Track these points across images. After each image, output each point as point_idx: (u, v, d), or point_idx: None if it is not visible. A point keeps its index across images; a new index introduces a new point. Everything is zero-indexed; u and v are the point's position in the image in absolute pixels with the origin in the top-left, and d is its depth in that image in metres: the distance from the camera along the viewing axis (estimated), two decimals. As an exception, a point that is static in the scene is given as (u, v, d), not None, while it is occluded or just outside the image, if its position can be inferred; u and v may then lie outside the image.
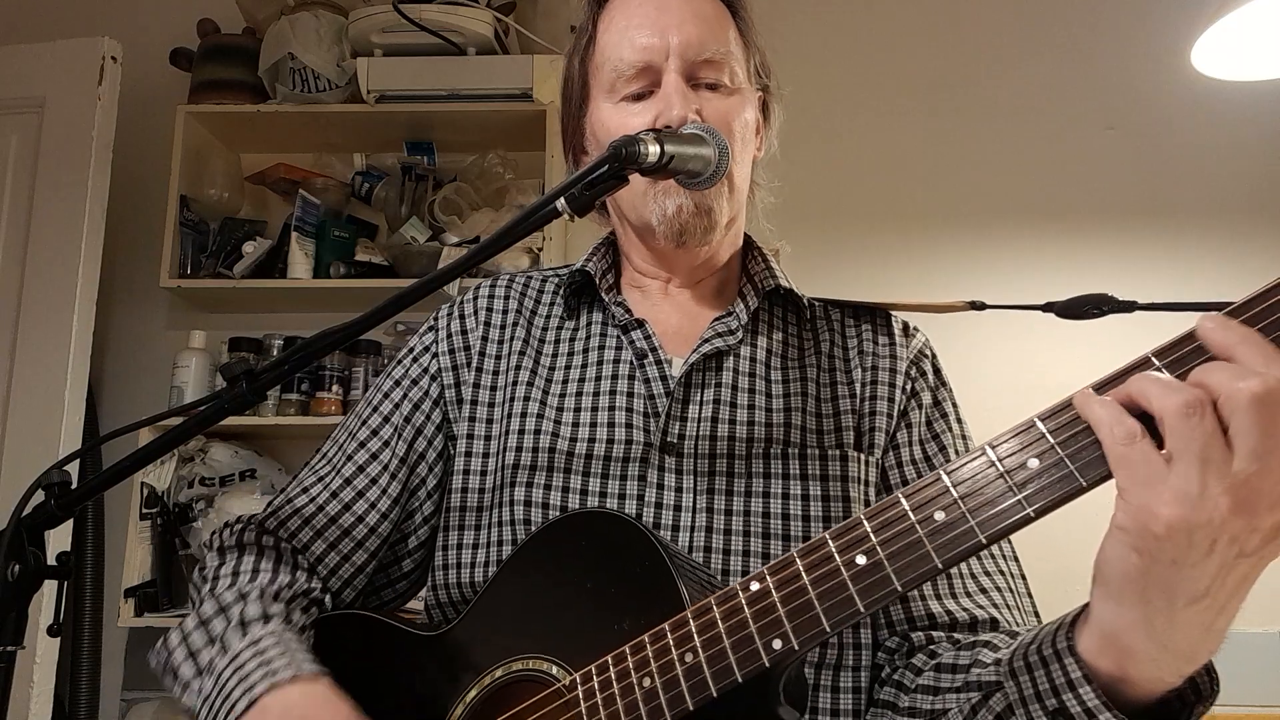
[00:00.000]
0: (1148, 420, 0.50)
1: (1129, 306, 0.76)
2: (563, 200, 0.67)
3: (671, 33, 0.84)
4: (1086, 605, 0.57)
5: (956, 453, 0.89)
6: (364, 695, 0.78)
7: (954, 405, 0.92)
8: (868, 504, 0.83)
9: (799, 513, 0.81)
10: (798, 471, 0.82)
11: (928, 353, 0.94)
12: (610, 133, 0.86)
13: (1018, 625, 0.79)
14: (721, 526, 0.80)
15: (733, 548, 0.79)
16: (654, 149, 0.69)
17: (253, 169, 2.38)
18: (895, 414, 0.87)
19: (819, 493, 0.81)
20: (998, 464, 0.55)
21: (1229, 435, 0.47)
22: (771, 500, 0.81)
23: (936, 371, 0.93)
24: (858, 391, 0.88)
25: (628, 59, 0.85)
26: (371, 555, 0.88)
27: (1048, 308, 0.80)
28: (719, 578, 0.78)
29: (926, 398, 0.90)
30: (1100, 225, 2.32)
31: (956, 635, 0.79)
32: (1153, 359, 0.52)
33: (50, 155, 2.08)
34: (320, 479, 0.90)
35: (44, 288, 2.02)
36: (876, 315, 0.94)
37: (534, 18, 2.42)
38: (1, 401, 1.99)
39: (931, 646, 0.78)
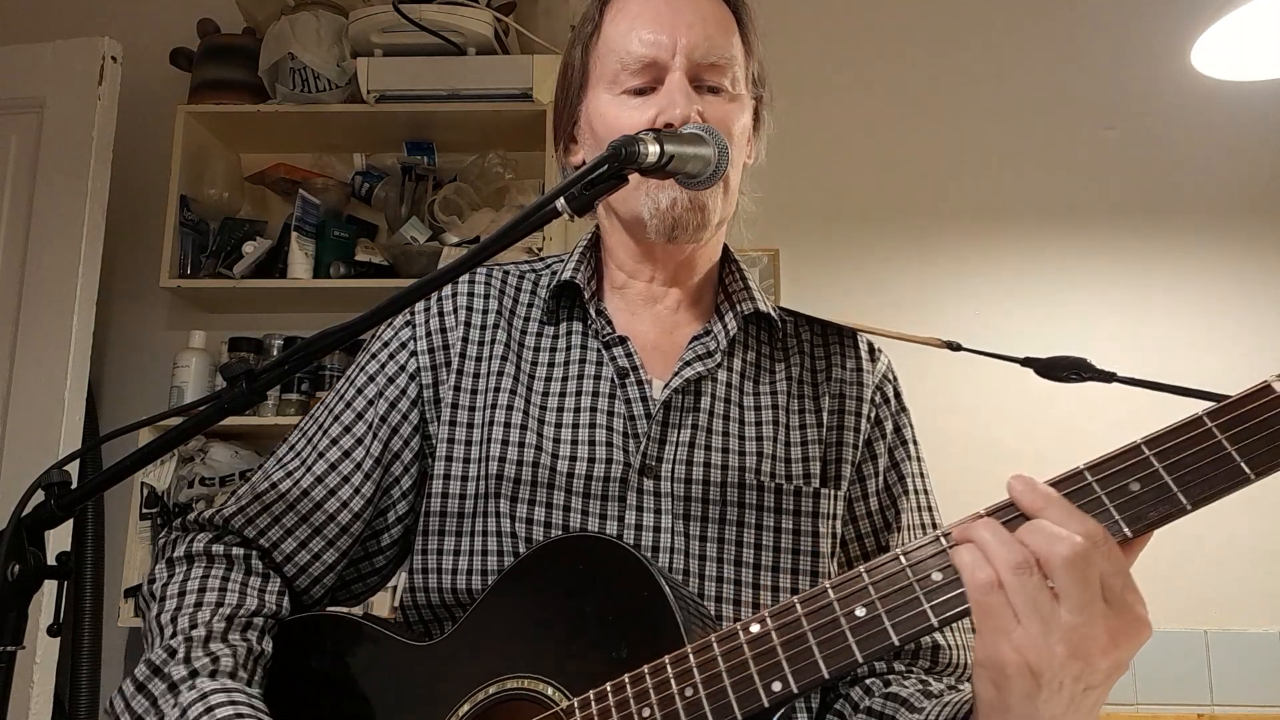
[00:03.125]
0: None
1: (1107, 377, 0.78)
2: (562, 200, 0.67)
3: (680, 32, 0.84)
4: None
5: (914, 478, 0.92)
6: (355, 703, 0.78)
7: (912, 429, 0.94)
8: (833, 537, 0.86)
9: (770, 544, 0.83)
10: (771, 506, 0.84)
11: (890, 377, 0.95)
12: (608, 124, 0.86)
13: (956, 648, 0.86)
14: (697, 552, 0.81)
15: (707, 573, 0.81)
16: (654, 149, 0.69)
17: (253, 169, 2.38)
18: (860, 444, 0.89)
19: (790, 527, 0.84)
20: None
21: (1054, 591, 0.54)
22: (746, 530, 0.83)
23: (898, 396, 0.94)
24: (824, 420, 0.89)
25: (635, 52, 0.84)
26: (343, 554, 0.87)
27: (1026, 363, 0.81)
28: None
29: (889, 425, 0.92)
30: (1100, 225, 2.32)
31: (898, 665, 0.84)
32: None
33: (50, 155, 2.08)
34: (289, 473, 0.87)
35: (44, 288, 2.02)
36: (844, 335, 0.94)
37: (534, 18, 2.42)
38: (1, 401, 1.99)
39: (886, 677, 0.83)
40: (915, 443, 0.94)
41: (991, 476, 0.87)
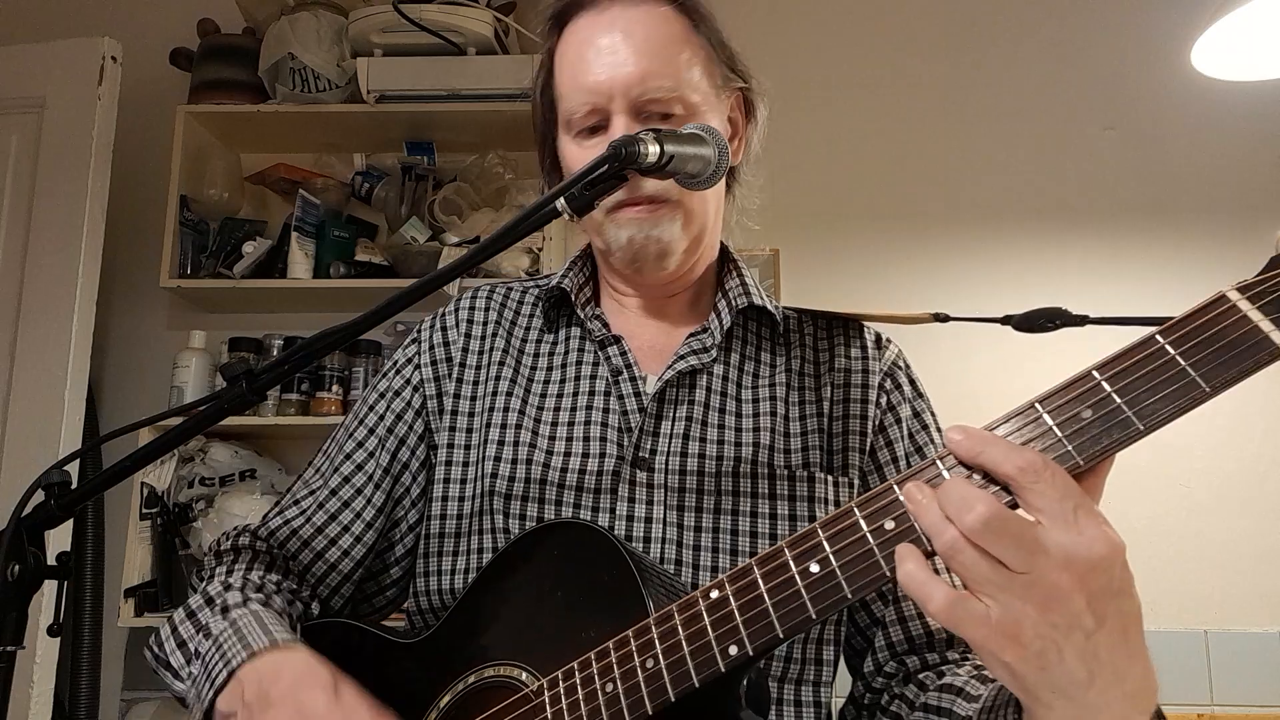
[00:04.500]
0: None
1: (1080, 320, 0.79)
2: (562, 200, 0.67)
3: (618, 71, 0.83)
4: None
5: None
6: None
7: (933, 416, 0.93)
8: None
9: (766, 532, 0.83)
10: (766, 492, 0.84)
11: (901, 364, 0.94)
12: (571, 167, 0.88)
13: None
14: (690, 543, 0.82)
15: (701, 563, 0.81)
16: (654, 149, 0.69)
17: (253, 169, 2.38)
18: (870, 430, 0.89)
19: (786, 513, 0.83)
20: (944, 474, 0.56)
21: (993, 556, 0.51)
22: (740, 519, 0.83)
23: (912, 383, 0.94)
24: (826, 410, 0.89)
25: (576, 101, 0.85)
26: (358, 564, 0.90)
27: (1005, 321, 0.82)
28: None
29: (905, 410, 0.91)
30: (1100, 225, 2.31)
31: (951, 654, 0.82)
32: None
33: (50, 155, 2.08)
34: (310, 491, 0.92)
35: (44, 288, 2.02)
36: (849, 327, 0.94)
37: (534, 18, 2.41)
38: (1, 401, 1.99)
39: (940, 668, 0.81)
40: (939, 429, 0.93)
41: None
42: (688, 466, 0.83)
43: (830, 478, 0.86)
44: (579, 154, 0.87)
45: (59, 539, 1.23)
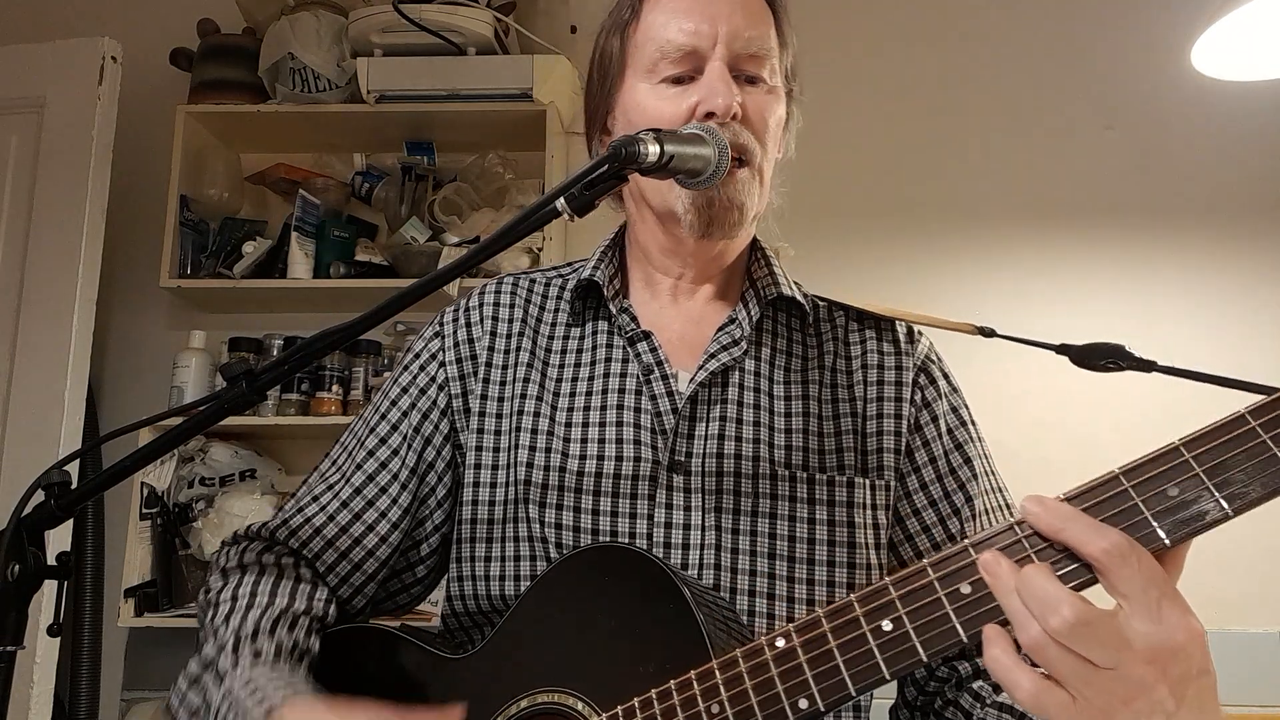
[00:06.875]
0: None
1: (1146, 366, 0.74)
2: (562, 200, 0.67)
3: (721, 21, 0.83)
4: None
5: (981, 459, 0.89)
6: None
7: (969, 410, 0.92)
8: (876, 527, 0.84)
9: (805, 536, 0.82)
10: (805, 495, 0.83)
11: (934, 358, 0.93)
12: (645, 114, 0.85)
13: None
14: (730, 546, 0.80)
15: (740, 567, 0.80)
16: (654, 149, 0.69)
17: (253, 169, 2.38)
18: (905, 430, 0.87)
19: (825, 517, 0.82)
20: (1023, 541, 0.56)
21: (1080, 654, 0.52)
22: (779, 522, 0.82)
23: (946, 377, 0.92)
24: (859, 410, 0.87)
25: (675, 41, 0.83)
26: (383, 564, 0.88)
27: (1062, 350, 0.77)
28: (728, 598, 0.79)
29: (942, 406, 0.89)
30: (1100, 225, 2.31)
31: None
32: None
33: (50, 155, 2.08)
34: (330, 487, 0.90)
35: (44, 288, 2.02)
36: (881, 322, 0.93)
37: (534, 18, 2.42)
38: (1, 401, 1.99)
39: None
40: (975, 424, 0.91)
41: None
42: (724, 469, 0.82)
43: (866, 481, 0.84)
44: (654, 103, 0.85)
45: (59, 539, 1.23)
